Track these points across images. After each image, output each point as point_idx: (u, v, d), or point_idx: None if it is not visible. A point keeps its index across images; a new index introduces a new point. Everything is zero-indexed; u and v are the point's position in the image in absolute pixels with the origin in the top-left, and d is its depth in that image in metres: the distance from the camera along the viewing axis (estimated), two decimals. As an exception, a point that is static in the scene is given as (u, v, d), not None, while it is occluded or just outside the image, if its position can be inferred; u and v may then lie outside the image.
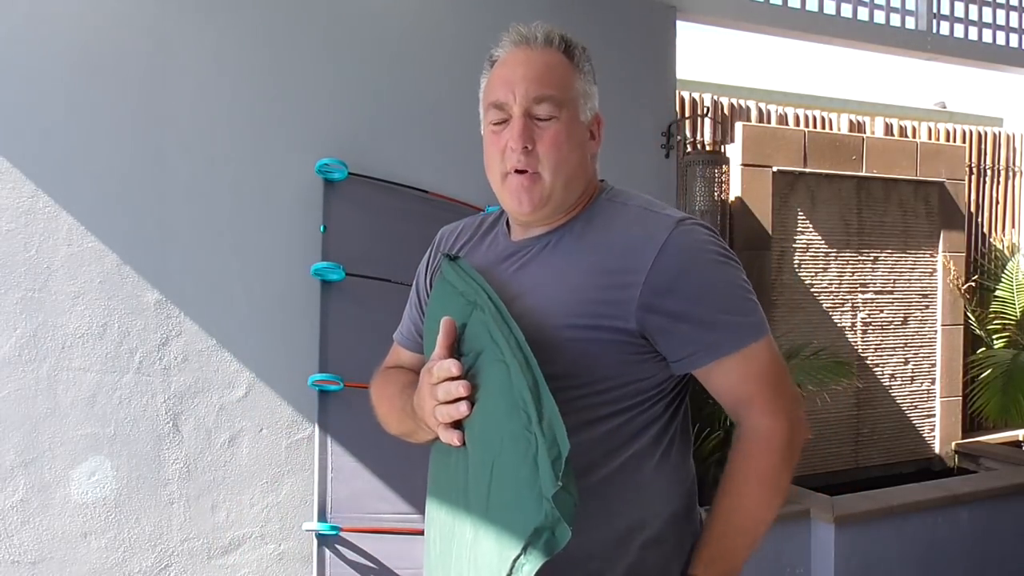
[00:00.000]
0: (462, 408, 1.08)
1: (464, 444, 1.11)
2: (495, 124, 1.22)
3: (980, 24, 3.99)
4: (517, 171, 1.19)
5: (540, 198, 1.20)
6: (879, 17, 3.73)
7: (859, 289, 4.59)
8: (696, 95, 4.34)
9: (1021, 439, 5.09)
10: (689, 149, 3.94)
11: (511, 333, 1.08)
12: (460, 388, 1.08)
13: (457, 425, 1.11)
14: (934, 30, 3.87)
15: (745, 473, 1.16)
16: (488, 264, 1.28)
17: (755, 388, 1.16)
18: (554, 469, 0.96)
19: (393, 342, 1.59)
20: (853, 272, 4.56)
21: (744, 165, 4.17)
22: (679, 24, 3.22)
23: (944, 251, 4.80)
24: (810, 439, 1.15)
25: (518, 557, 0.97)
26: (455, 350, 1.15)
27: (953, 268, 4.81)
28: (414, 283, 1.49)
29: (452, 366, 1.10)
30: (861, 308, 4.60)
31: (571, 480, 0.96)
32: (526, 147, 1.18)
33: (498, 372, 1.06)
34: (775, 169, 4.24)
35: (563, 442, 0.97)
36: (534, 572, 0.95)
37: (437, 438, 1.18)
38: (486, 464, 1.07)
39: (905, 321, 4.74)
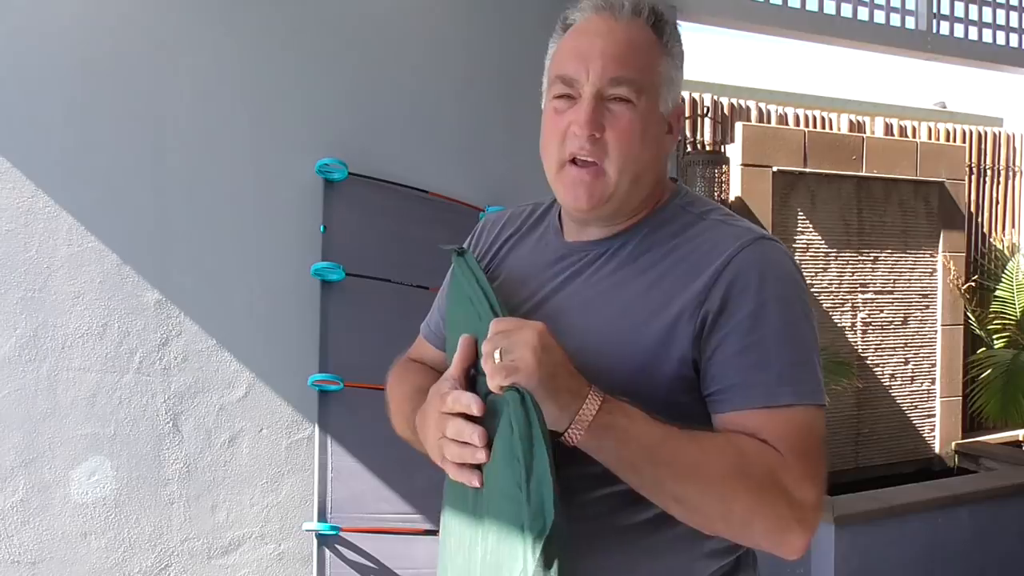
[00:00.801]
0: (479, 456, 0.92)
1: (481, 485, 0.95)
2: (559, 99, 1.04)
3: (980, 24, 3.99)
4: (578, 162, 1.03)
5: (601, 196, 1.03)
6: (879, 17, 3.72)
7: (859, 289, 4.59)
8: (696, 95, 4.35)
9: (1021, 439, 5.09)
10: (689, 149, 3.95)
11: None
12: (475, 436, 0.92)
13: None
14: (934, 30, 3.86)
15: (733, 439, 0.93)
16: (534, 266, 1.13)
17: (793, 445, 0.93)
18: (535, 547, 0.83)
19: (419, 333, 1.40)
20: (853, 272, 4.57)
21: (744, 165, 4.17)
22: (679, 24, 3.22)
23: (944, 251, 4.80)
24: (796, 554, 0.96)
25: None
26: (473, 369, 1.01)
27: (953, 268, 4.82)
28: (449, 272, 1.28)
29: (472, 403, 0.93)
30: (861, 308, 4.60)
31: (556, 555, 0.83)
32: (593, 134, 1.00)
33: (502, 405, 0.91)
34: (775, 169, 4.24)
35: (548, 512, 0.83)
36: None
37: None
38: (489, 507, 0.95)
39: (905, 321, 4.74)
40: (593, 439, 0.90)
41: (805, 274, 1.37)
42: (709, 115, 4.28)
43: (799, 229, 4.36)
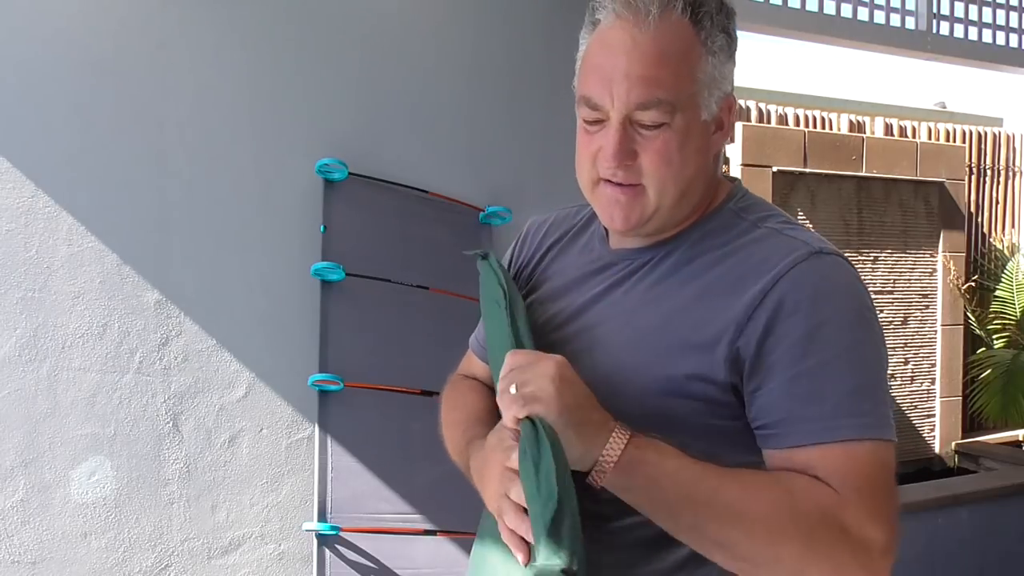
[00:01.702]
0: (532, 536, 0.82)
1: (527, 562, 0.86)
2: (589, 124, 0.95)
3: (980, 24, 3.99)
4: (611, 182, 0.94)
5: (640, 217, 0.94)
6: (879, 17, 3.72)
7: (859, 289, 4.59)
8: (696, 95, 4.34)
9: (1021, 439, 5.09)
10: (689, 149, 3.95)
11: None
12: None
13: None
14: (934, 30, 3.86)
15: (797, 494, 0.82)
16: (577, 273, 1.06)
17: (853, 482, 0.84)
18: None
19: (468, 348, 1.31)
20: (853, 272, 4.56)
21: (744, 165, 4.17)
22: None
23: (944, 251, 4.80)
24: None
25: None
26: None
27: (953, 268, 4.82)
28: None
29: None
30: (861, 308, 4.60)
31: None
32: (622, 162, 0.92)
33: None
34: (775, 169, 4.25)
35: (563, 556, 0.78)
36: None
37: None
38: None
39: (905, 321, 4.75)
40: (622, 477, 0.82)
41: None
42: (709, 115, 4.28)
43: (799, 229, 4.36)
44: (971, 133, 5.32)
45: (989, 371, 4.87)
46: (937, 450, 4.82)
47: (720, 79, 0.94)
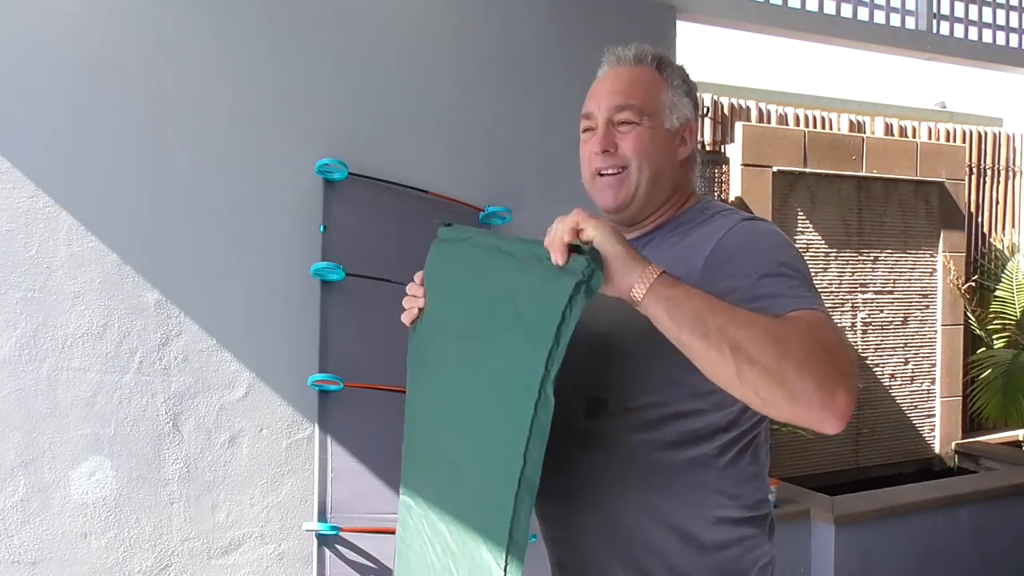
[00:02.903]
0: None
1: None
2: (584, 132, 1.33)
3: (980, 24, 3.99)
4: (601, 172, 1.29)
5: (626, 194, 1.28)
6: (879, 17, 3.73)
7: (859, 289, 4.59)
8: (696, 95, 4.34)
9: (1021, 439, 5.09)
10: (689, 149, 3.95)
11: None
12: None
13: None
14: (934, 30, 3.87)
15: (788, 321, 1.03)
16: None
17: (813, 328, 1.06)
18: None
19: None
20: (853, 272, 4.57)
21: (744, 165, 4.17)
22: (679, 24, 3.22)
23: (944, 251, 4.80)
24: (836, 427, 0.98)
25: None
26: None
27: (953, 268, 4.82)
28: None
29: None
30: (861, 308, 4.60)
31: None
32: (607, 150, 1.27)
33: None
34: (775, 169, 4.24)
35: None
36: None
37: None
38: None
39: (905, 321, 4.74)
40: (663, 287, 1.00)
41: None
42: (709, 115, 4.28)
43: (799, 229, 4.36)
44: (971, 133, 5.32)
45: (989, 371, 4.87)
46: (937, 450, 4.82)
47: (679, 105, 1.31)
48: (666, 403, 1.18)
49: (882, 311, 4.67)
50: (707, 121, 4.27)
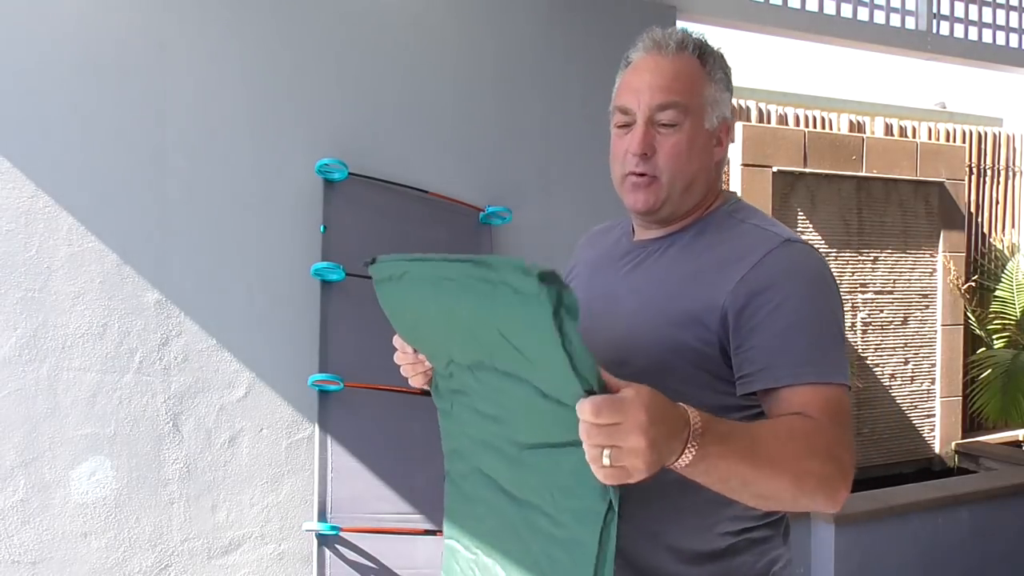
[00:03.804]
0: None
1: None
2: (619, 127, 1.25)
3: (980, 24, 3.99)
4: (635, 173, 1.22)
5: (656, 200, 1.21)
6: (879, 17, 3.72)
7: (859, 289, 4.59)
8: (696, 95, 4.33)
9: (1021, 439, 5.09)
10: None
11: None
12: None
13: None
14: (934, 30, 3.86)
15: (794, 427, 1.02)
16: (606, 259, 1.32)
17: (820, 410, 1.05)
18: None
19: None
20: (853, 272, 4.56)
21: (744, 165, 4.17)
22: (679, 24, 3.22)
23: (944, 251, 4.80)
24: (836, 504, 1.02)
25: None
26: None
27: (953, 268, 4.81)
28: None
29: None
30: (861, 308, 4.60)
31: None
32: (645, 154, 1.20)
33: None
34: (775, 169, 4.24)
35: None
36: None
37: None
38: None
39: (905, 321, 4.74)
40: (697, 460, 0.92)
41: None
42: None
43: (799, 229, 4.36)
44: (971, 133, 5.32)
45: (989, 371, 4.87)
46: (937, 450, 4.81)
47: (720, 102, 1.23)
48: None
49: (882, 311, 4.66)
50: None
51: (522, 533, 1.05)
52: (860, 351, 4.58)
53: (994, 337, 5.08)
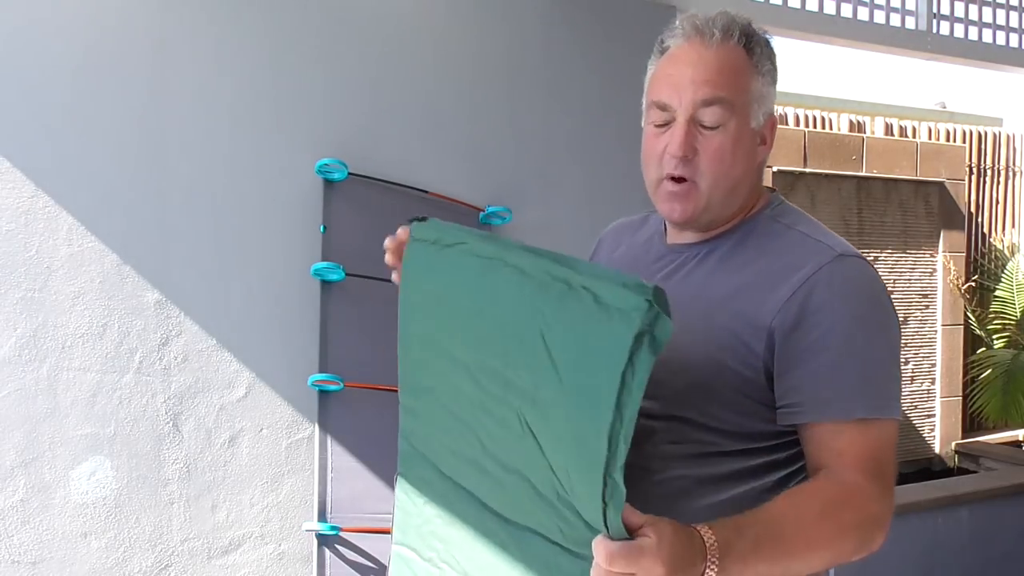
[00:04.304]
0: None
1: None
2: (657, 126, 1.13)
3: (980, 24, 3.98)
4: (672, 178, 1.10)
5: (694, 209, 1.10)
6: (879, 17, 3.72)
7: (859, 289, 4.58)
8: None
9: (1021, 439, 5.09)
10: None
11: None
12: None
13: None
14: (934, 30, 3.86)
15: (822, 502, 0.96)
16: (634, 261, 1.22)
17: (861, 452, 0.99)
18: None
19: None
20: (853, 272, 4.56)
21: (744, 165, 4.16)
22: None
23: (944, 251, 4.80)
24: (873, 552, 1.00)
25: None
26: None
27: (953, 268, 4.82)
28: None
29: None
30: (861, 308, 4.59)
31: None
32: (686, 156, 1.08)
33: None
34: (775, 169, 4.24)
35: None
36: None
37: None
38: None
39: (905, 321, 4.75)
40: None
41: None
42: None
43: (799, 229, 4.36)
44: (971, 133, 5.32)
45: (989, 371, 4.87)
46: (937, 450, 4.82)
47: (767, 96, 1.12)
48: (724, 439, 1.06)
49: (882, 311, 4.66)
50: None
51: (514, 556, 0.96)
52: (860, 351, 4.58)
53: (994, 337, 5.08)
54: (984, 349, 5.03)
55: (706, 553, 0.84)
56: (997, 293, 5.10)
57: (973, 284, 5.03)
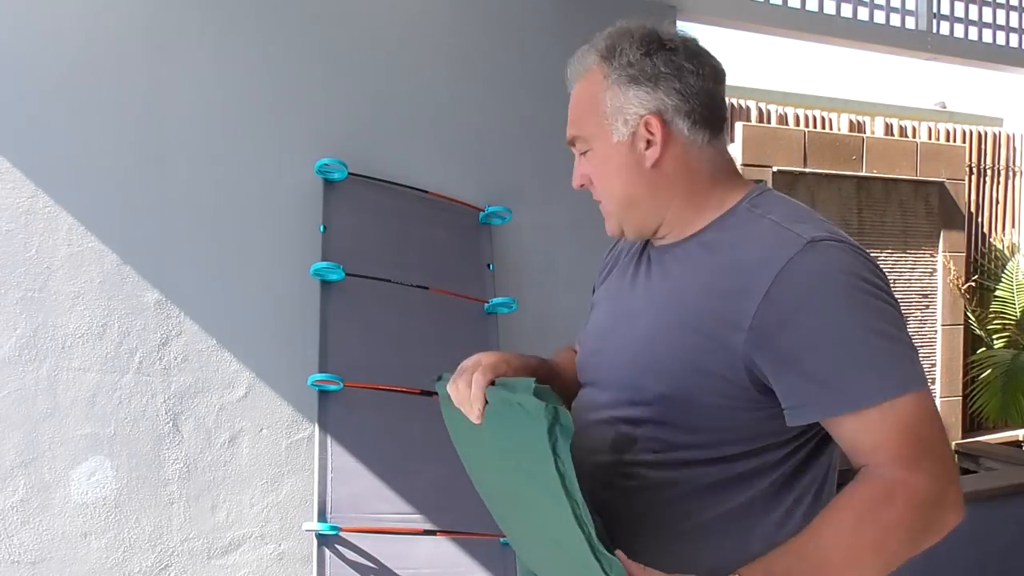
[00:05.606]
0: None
1: None
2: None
3: (980, 24, 3.99)
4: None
5: (615, 227, 1.16)
6: (879, 17, 3.72)
7: (859, 289, 4.59)
8: (696, 95, 4.33)
9: (1021, 439, 5.09)
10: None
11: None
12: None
13: None
14: (934, 30, 3.86)
15: (856, 508, 0.93)
16: (621, 271, 1.23)
17: (892, 441, 0.93)
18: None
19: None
20: (853, 272, 4.56)
21: (744, 165, 4.17)
22: (679, 24, 3.22)
23: (944, 251, 4.80)
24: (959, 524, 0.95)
25: None
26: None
27: (953, 268, 4.82)
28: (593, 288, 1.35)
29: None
30: (861, 308, 4.60)
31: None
32: (583, 185, 1.17)
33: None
34: (775, 169, 4.25)
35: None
36: None
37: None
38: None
39: (905, 321, 4.75)
40: None
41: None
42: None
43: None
44: (971, 133, 5.32)
45: (989, 371, 4.87)
46: (937, 450, 4.82)
47: (626, 103, 1.10)
48: (708, 444, 1.02)
49: (882, 311, 4.66)
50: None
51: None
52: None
53: (994, 337, 5.08)
54: (984, 349, 5.04)
55: None
56: (997, 293, 5.10)
57: (973, 284, 5.03)
